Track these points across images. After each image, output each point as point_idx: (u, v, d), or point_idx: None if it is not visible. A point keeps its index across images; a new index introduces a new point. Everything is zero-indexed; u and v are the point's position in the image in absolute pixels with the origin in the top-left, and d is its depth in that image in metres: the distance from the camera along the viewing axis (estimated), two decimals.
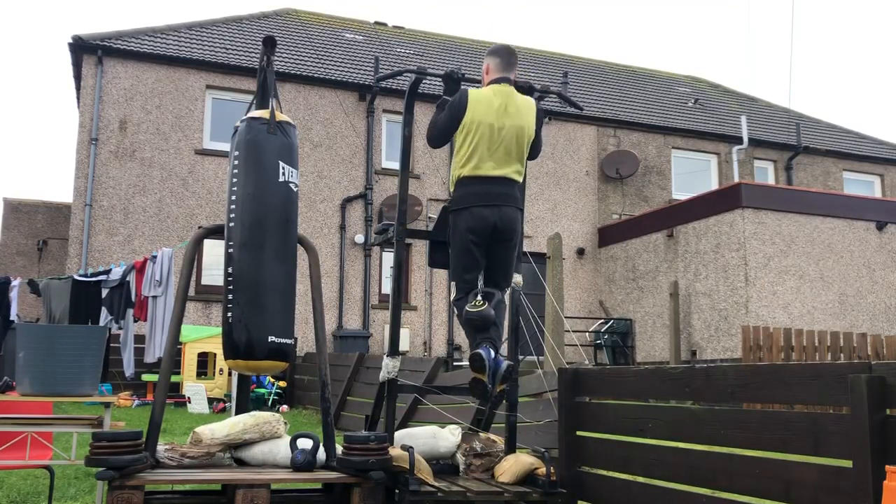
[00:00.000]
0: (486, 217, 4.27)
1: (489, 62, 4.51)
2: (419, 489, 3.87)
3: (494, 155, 4.32)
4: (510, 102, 4.37)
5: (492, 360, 4.13)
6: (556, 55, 23.57)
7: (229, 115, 15.69)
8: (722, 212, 14.48)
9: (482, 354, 4.12)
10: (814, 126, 22.47)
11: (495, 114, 4.32)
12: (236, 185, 4.34)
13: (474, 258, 4.34)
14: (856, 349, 10.88)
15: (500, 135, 4.31)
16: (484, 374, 4.11)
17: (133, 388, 12.88)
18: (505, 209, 4.31)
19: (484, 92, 4.40)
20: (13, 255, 18.99)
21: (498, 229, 4.30)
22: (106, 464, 3.61)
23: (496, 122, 4.31)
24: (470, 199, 4.32)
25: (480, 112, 4.31)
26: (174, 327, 4.40)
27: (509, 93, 4.39)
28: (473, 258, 4.34)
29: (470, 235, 4.29)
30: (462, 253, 4.34)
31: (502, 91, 4.38)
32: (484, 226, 4.28)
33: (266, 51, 4.62)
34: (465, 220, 4.31)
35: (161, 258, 10.13)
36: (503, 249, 4.39)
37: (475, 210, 4.28)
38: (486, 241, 4.32)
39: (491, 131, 4.30)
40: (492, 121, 4.30)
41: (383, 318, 16.07)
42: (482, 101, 4.34)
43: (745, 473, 3.36)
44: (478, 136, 4.30)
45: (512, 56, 4.51)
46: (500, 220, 4.29)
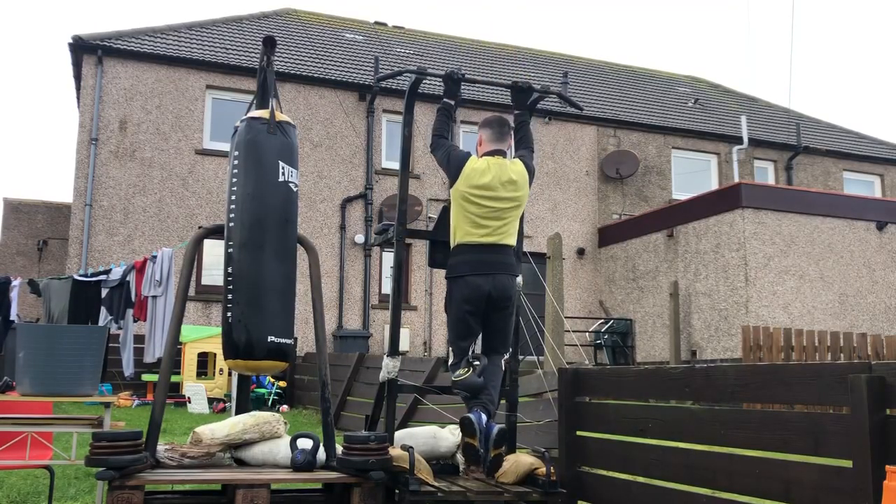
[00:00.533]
0: (480, 286, 4.30)
1: (482, 134, 4.58)
2: (419, 489, 3.87)
3: (488, 226, 4.37)
4: (504, 175, 4.41)
5: (482, 424, 4.12)
6: (556, 55, 23.57)
7: (229, 115, 15.69)
8: (722, 212, 14.48)
9: (472, 419, 4.11)
10: (814, 126, 22.47)
11: (489, 189, 4.36)
12: (236, 185, 4.34)
13: (469, 327, 4.38)
14: (856, 349, 10.87)
15: (495, 207, 4.36)
16: (475, 439, 4.10)
17: (133, 388, 12.88)
18: (499, 277, 4.34)
19: (481, 165, 4.43)
20: (13, 255, 18.99)
21: (493, 298, 4.33)
22: (106, 464, 3.61)
23: (491, 195, 4.36)
24: (464, 268, 4.36)
25: (474, 186, 4.36)
26: (174, 327, 4.40)
27: (502, 165, 4.44)
28: (468, 326, 4.37)
29: (465, 305, 4.33)
30: (457, 321, 4.39)
31: (497, 164, 4.43)
32: (478, 295, 4.31)
33: (266, 51, 4.63)
34: (460, 289, 4.35)
35: (161, 258, 10.12)
36: (499, 317, 4.42)
37: (469, 279, 4.32)
38: (481, 309, 4.35)
39: (484, 206, 4.35)
40: (486, 194, 4.36)
41: (383, 318, 16.07)
42: (476, 174, 4.39)
43: (745, 473, 3.36)
44: (473, 206, 4.36)
45: (504, 126, 4.57)
46: (494, 289, 4.32)
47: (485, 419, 4.16)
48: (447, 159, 4.50)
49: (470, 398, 4.30)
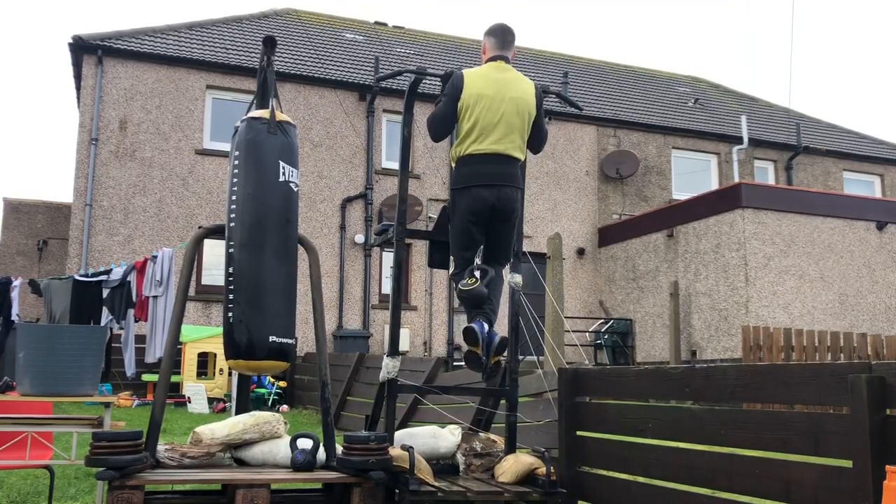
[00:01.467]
0: (484, 198, 4.32)
1: (486, 41, 4.55)
2: (419, 489, 3.87)
3: (495, 129, 4.33)
4: (508, 76, 4.40)
5: (485, 333, 4.26)
6: (556, 55, 23.57)
7: (229, 115, 15.69)
8: (722, 212, 14.48)
9: (475, 328, 4.25)
10: (814, 126, 22.47)
11: (494, 85, 4.35)
12: (236, 185, 4.34)
13: (472, 237, 4.41)
14: (856, 349, 10.88)
15: (500, 107, 4.33)
16: (478, 347, 4.25)
17: (133, 388, 12.89)
18: (504, 189, 4.35)
19: (480, 68, 4.45)
20: (13, 255, 18.99)
21: (496, 209, 4.35)
22: (106, 464, 3.61)
23: (495, 93, 4.33)
24: (469, 179, 4.36)
25: (478, 86, 4.34)
26: (174, 327, 4.40)
27: (506, 68, 4.43)
28: (471, 237, 4.41)
29: (468, 216, 4.36)
30: (460, 232, 4.42)
31: (499, 66, 4.42)
32: (482, 206, 4.33)
33: (266, 51, 4.63)
34: (464, 201, 4.37)
35: (161, 258, 10.12)
36: (501, 228, 4.46)
37: (474, 190, 4.33)
38: (485, 220, 4.38)
39: (490, 103, 4.32)
40: (490, 93, 4.33)
41: (383, 318, 16.07)
42: (479, 76, 4.38)
43: (745, 473, 3.36)
44: (478, 110, 4.32)
45: (508, 34, 4.53)
46: (498, 201, 4.34)
47: (486, 328, 4.28)
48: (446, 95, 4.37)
49: (472, 308, 4.36)
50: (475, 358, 4.31)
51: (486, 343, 4.26)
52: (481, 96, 4.32)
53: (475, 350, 4.28)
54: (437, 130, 4.50)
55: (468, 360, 4.39)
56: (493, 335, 4.29)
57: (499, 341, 4.28)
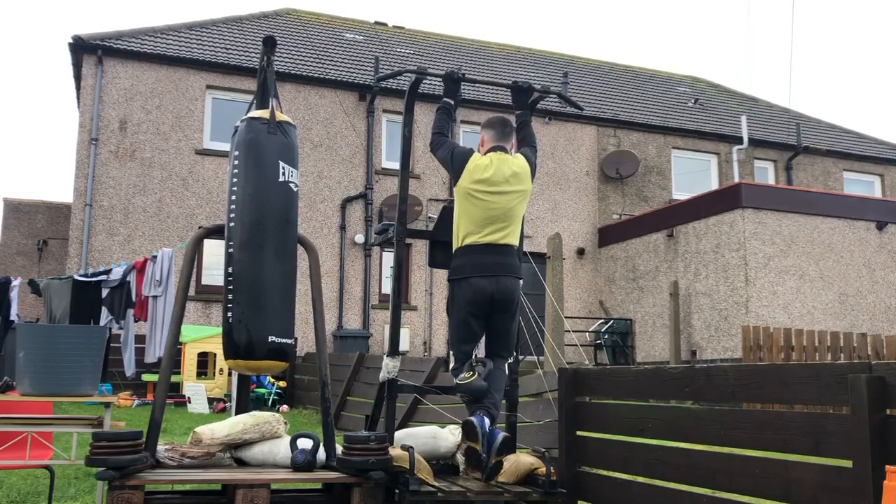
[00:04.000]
0: (483, 288, 4.28)
1: (484, 135, 4.59)
2: (419, 489, 3.87)
3: (494, 221, 4.35)
4: (506, 170, 4.42)
5: (485, 429, 4.08)
6: (556, 55, 23.56)
7: (229, 115, 15.69)
8: (722, 212, 14.48)
9: (474, 422, 4.07)
10: (814, 126, 22.46)
11: (496, 180, 4.37)
12: (236, 185, 4.34)
13: (472, 330, 4.36)
14: (856, 349, 10.88)
15: (500, 201, 4.36)
16: (478, 443, 4.06)
17: (133, 388, 12.88)
18: (503, 280, 4.32)
19: (484, 160, 4.44)
20: (13, 255, 18.99)
21: (496, 300, 4.31)
22: (106, 464, 3.61)
23: (494, 190, 4.36)
24: (468, 270, 4.33)
25: (478, 181, 4.36)
26: (174, 327, 4.40)
27: (505, 160, 4.45)
28: (471, 330, 4.36)
29: (468, 307, 4.31)
30: (460, 324, 4.36)
31: (499, 158, 4.44)
32: (482, 297, 4.29)
33: (266, 51, 4.63)
34: (464, 292, 4.33)
35: (161, 258, 10.12)
36: (502, 319, 4.40)
37: (473, 281, 4.30)
38: (485, 312, 4.34)
39: (487, 201, 4.34)
40: (490, 189, 4.35)
41: (383, 318, 16.07)
42: (480, 169, 4.39)
43: (745, 473, 3.36)
44: (475, 206, 4.35)
45: (506, 126, 4.58)
46: (497, 291, 4.30)
47: (488, 424, 4.13)
48: (450, 156, 4.49)
49: (473, 402, 4.28)
50: (474, 455, 4.08)
51: (488, 440, 4.06)
52: (481, 190, 4.35)
53: (475, 447, 4.06)
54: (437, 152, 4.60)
55: (467, 456, 4.15)
56: (495, 433, 4.10)
57: (501, 440, 4.07)
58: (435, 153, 4.60)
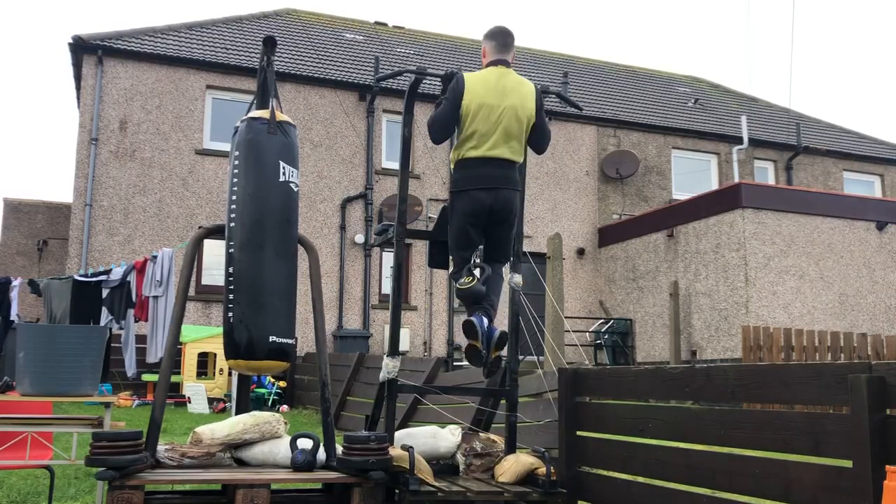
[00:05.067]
0: (482, 200, 4.35)
1: (485, 45, 4.56)
2: (419, 489, 3.87)
3: (493, 135, 4.35)
4: (508, 82, 4.41)
5: (484, 327, 4.29)
6: (556, 55, 23.56)
7: (229, 115, 15.69)
8: (722, 212, 14.48)
9: (474, 322, 4.28)
10: (814, 126, 22.46)
11: (493, 93, 4.36)
12: (236, 185, 4.34)
13: (470, 238, 4.46)
14: (856, 349, 10.88)
15: (499, 114, 4.35)
16: (477, 340, 4.28)
17: (133, 388, 12.89)
18: (502, 192, 4.37)
19: (480, 73, 4.45)
20: (13, 255, 18.99)
21: (494, 211, 4.38)
22: (106, 464, 3.61)
23: (494, 101, 4.35)
24: (467, 182, 4.39)
25: (478, 93, 4.35)
26: (174, 327, 4.40)
27: (506, 73, 4.44)
28: (469, 238, 4.46)
29: (467, 217, 4.39)
30: (459, 233, 4.46)
31: (499, 71, 4.43)
32: (480, 208, 4.36)
33: (266, 51, 4.63)
34: (463, 203, 4.40)
35: (161, 258, 10.12)
36: (499, 229, 4.49)
37: (472, 193, 4.36)
38: (483, 222, 4.42)
39: (489, 111, 4.34)
40: (490, 101, 4.34)
41: (383, 318, 16.07)
42: (479, 82, 4.39)
43: (745, 473, 3.35)
44: (478, 117, 4.34)
45: (508, 37, 4.54)
46: (496, 203, 4.36)
47: (486, 322, 4.32)
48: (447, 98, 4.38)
49: (472, 304, 4.40)
50: (475, 352, 4.34)
51: (486, 337, 4.30)
52: (481, 104, 4.33)
53: (475, 344, 4.31)
54: (437, 133, 4.49)
55: (468, 354, 4.41)
56: (492, 329, 4.34)
57: (499, 335, 4.32)
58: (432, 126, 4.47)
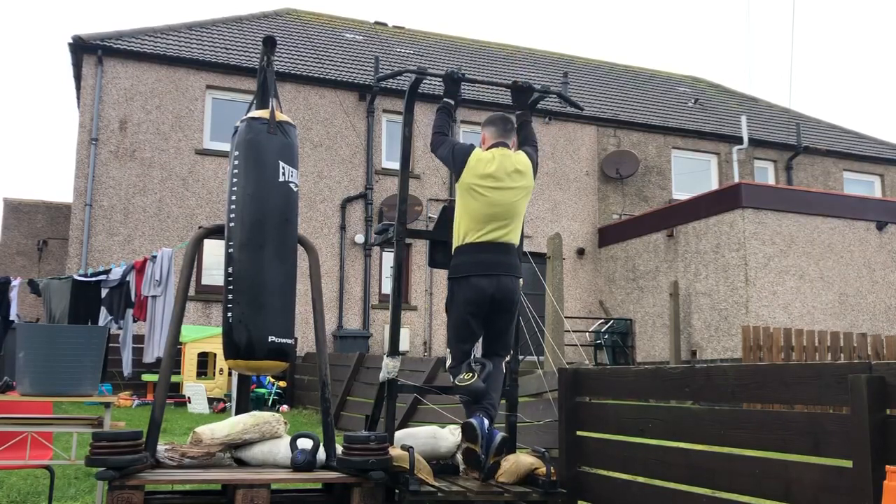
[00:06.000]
0: (483, 288, 4.27)
1: (485, 132, 4.59)
2: (419, 489, 3.87)
3: (496, 219, 4.34)
4: (509, 165, 4.41)
5: (485, 430, 4.12)
6: (556, 55, 23.56)
7: (229, 115, 15.68)
8: (722, 212, 14.48)
9: (474, 424, 4.11)
10: (814, 126, 22.46)
11: (496, 176, 4.36)
12: (236, 185, 4.34)
13: (471, 330, 4.35)
14: (856, 349, 10.88)
15: (500, 200, 4.34)
16: (477, 445, 4.11)
17: (133, 388, 12.88)
18: (503, 279, 4.30)
19: (486, 155, 4.44)
20: (13, 255, 18.99)
21: (496, 300, 4.30)
22: (106, 464, 3.61)
23: (497, 185, 4.34)
24: (468, 269, 4.32)
25: (480, 176, 4.35)
26: (174, 327, 4.40)
27: (507, 155, 4.44)
28: (470, 330, 4.35)
29: (467, 307, 4.30)
30: (459, 324, 4.35)
31: (502, 154, 4.44)
32: (482, 297, 4.28)
33: (266, 51, 4.63)
34: (463, 291, 4.31)
35: (161, 258, 10.12)
36: (501, 319, 4.40)
37: (473, 280, 4.28)
38: (484, 311, 4.32)
39: (489, 197, 4.33)
40: (492, 185, 4.34)
41: (383, 318, 16.06)
42: (482, 164, 4.38)
43: (745, 473, 3.35)
44: (477, 202, 4.33)
45: (507, 123, 4.57)
46: (497, 291, 4.29)
47: (487, 424, 4.16)
48: (451, 153, 4.48)
49: (471, 403, 4.30)
50: (473, 455, 4.14)
51: (487, 441, 4.12)
52: (483, 185, 4.33)
53: (474, 448, 4.12)
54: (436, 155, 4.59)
55: (465, 457, 4.21)
56: (493, 433, 4.16)
57: (500, 440, 4.14)
58: (436, 152, 4.59)
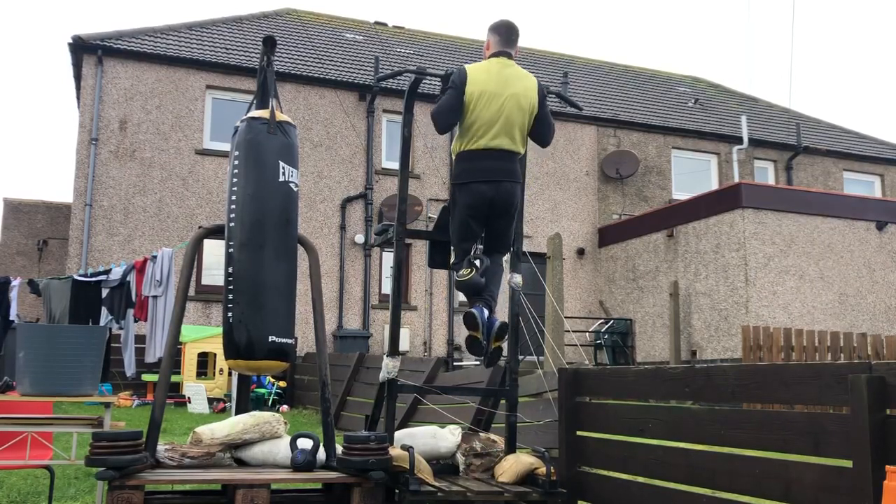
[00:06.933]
0: (483, 193, 4.36)
1: (489, 38, 4.57)
2: (419, 489, 3.87)
3: (495, 125, 4.35)
4: (510, 72, 4.42)
5: (485, 318, 4.34)
6: (556, 55, 23.56)
7: (229, 115, 15.68)
8: (722, 212, 14.48)
9: (474, 313, 4.33)
10: (814, 126, 22.46)
11: (495, 82, 4.37)
12: (236, 185, 4.34)
13: (471, 230, 4.48)
14: (856, 349, 10.88)
15: (501, 103, 4.35)
16: (478, 331, 4.33)
17: (133, 388, 12.88)
18: (503, 185, 4.38)
19: (483, 63, 4.48)
20: (13, 255, 18.99)
21: (495, 204, 4.39)
22: (106, 464, 3.61)
23: (497, 90, 4.36)
24: (469, 175, 4.40)
25: (480, 81, 4.37)
26: (174, 327, 4.40)
27: (509, 64, 4.46)
28: (470, 230, 4.47)
29: (468, 210, 4.41)
30: (460, 225, 4.48)
31: (501, 62, 4.45)
32: (481, 201, 4.37)
33: (266, 51, 4.63)
34: (464, 196, 4.41)
35: (161, 258, 10.12)
36: (500, 221, 4.51)
37: (473, 186, 4.37)
38: (484, 214, 4.43)
39: (491, 99, 4.34)
40: (492, 89, 4.35)
41: (383, 318, 16.06)
42: (482, 71, 4.41)
43: (745, 473, 3.36)
44: (479, 106, 4.34)
45: (512, 32, 4.55)
46: (497, 195, 4.37)
47: (486, 314, 4.37)
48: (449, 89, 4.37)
49: (472, 295, 4.44)
50: (476, 342, 4.39)
51: (487, 328, 4.34)
52: (483, 92, 4.34)
53: (475, 335, 4.36)
54: (442, 122, 4.46)
55: (469, 345, 4.46)
56: (493, 320, 4.38)
57: (499, 326, 4.37)
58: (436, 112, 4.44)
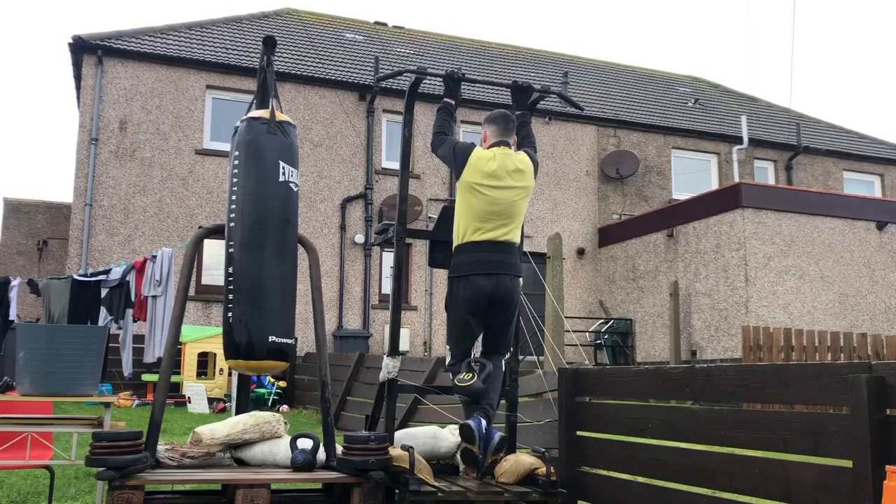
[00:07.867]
0: (483, 287, 4.27)
1: (486, 129, 4.57)
2: (419, 489, 3.87)
3: (496, 217, 4.33)
4: (510, 164, 4.40)
5: (482, 431, 4.15)
6: (556, 55, 23.56)
7: (229, 115, 15.68)
8: (722, 212, 14.48)
9: (472, 425, 4.14)
10: (814, 126, 22.46)
11: (496, 178, 4.34)
12: (236, 185, 4.34)
13: (470, 328, 4.36)
14: (856, 349, 10.89)
15: (501, 198, 4.33)
16: (474, 445, 4.14)
17: (133, 388, 12.88)
18: (502, 278, 4.30)
19: (487, 153, 4.43)
20: (13, 255, 18.99)
21: (495, 299, 4.30)
22: (106, 464, 3.61)
23: (497, 184, 4.34)
24: (467, 268, 4.32)
25: (479, 175, 4.34)
26: (174, 327, 4.39)
27: (508, 154, 4.44)
28: (469, 328, 4.36)
29: (467, 305, 4.30)
30: (458, 322, 4.36)
31: (503, 153, 4.43)
32: (481, 296, 4.28)
33: (266, 51, 4.63)
34: (463, 290, 4.31)
35: (161, 258, 10.12)
36: (500, 318, 4.40)
37: (472, 279, 4.28)
38: (484, 310, 4.32)
39: (490, 196, 4.32)
40: (493, 183, 4.33)
41: (383, 318, 16.07)
42: (483, 162, 4.37)
43: (745, 473, 3.36)
44: (478, 200, 4.32)
45: (508, 122, 4.56)
46: (496, 290, 4.29)
47: (484, 425, 4.18)
48: (452, 151, 4.47)
49: (470, 402, 4.31)
50: (471, 455, 4.20)
51: (484, 441, 4.16)
52: (484, 184, 4.32)
53: (471, 448, 4.17)
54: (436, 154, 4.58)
55: (464, 456, 4.27)
56: (492, 433, 4.19)
57: (498, 440, 4.18)
58: (436, 151, 4.59)
